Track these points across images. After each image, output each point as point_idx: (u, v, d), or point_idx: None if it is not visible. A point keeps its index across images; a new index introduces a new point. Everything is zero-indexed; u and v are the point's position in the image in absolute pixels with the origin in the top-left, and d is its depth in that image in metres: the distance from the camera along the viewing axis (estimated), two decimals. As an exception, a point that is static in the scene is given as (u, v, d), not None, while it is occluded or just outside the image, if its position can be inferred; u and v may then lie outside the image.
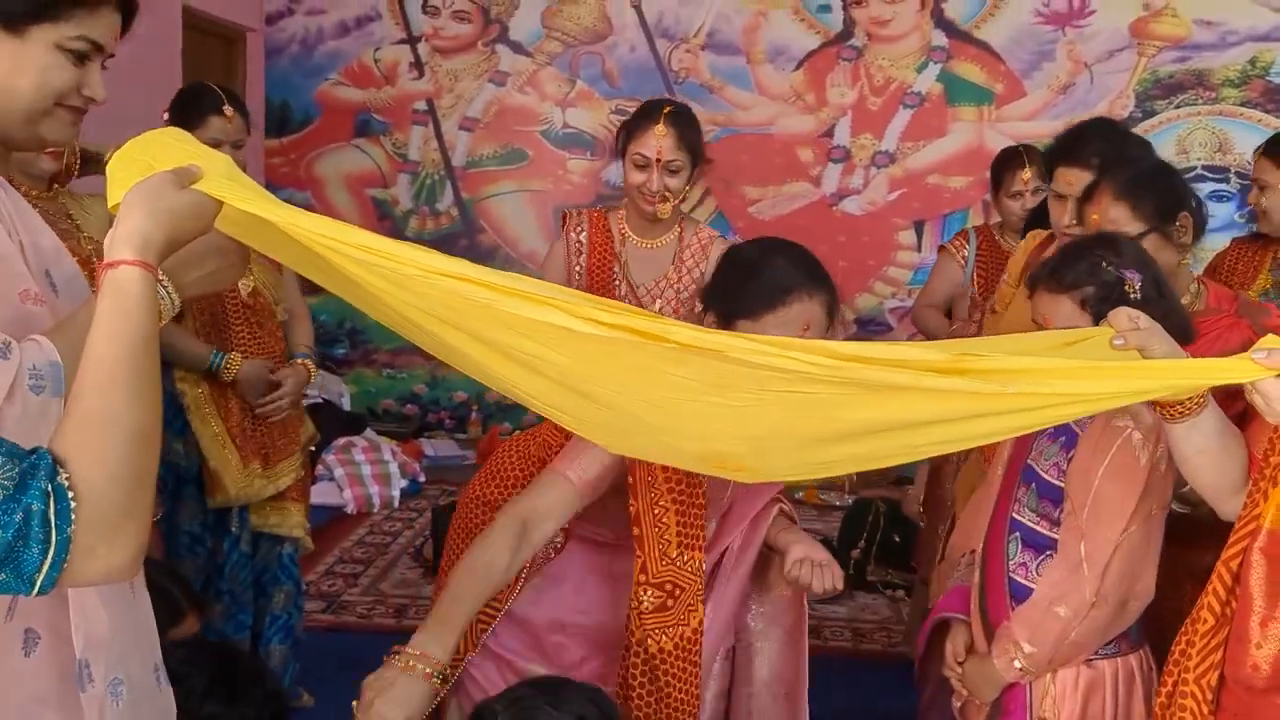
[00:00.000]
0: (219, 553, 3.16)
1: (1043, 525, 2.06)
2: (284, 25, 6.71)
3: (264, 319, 3.19)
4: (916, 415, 1.43)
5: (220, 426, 3.08)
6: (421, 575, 4.71)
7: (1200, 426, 1.69)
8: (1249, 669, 1.57)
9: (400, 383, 6.90)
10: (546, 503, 2.01)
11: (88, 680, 1.25)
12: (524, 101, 6.71)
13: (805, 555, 2.16)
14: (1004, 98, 6.38)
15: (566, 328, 1.29)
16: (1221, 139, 6.34)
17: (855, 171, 6.57)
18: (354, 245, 1.27)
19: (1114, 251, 1.99)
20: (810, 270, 2.04)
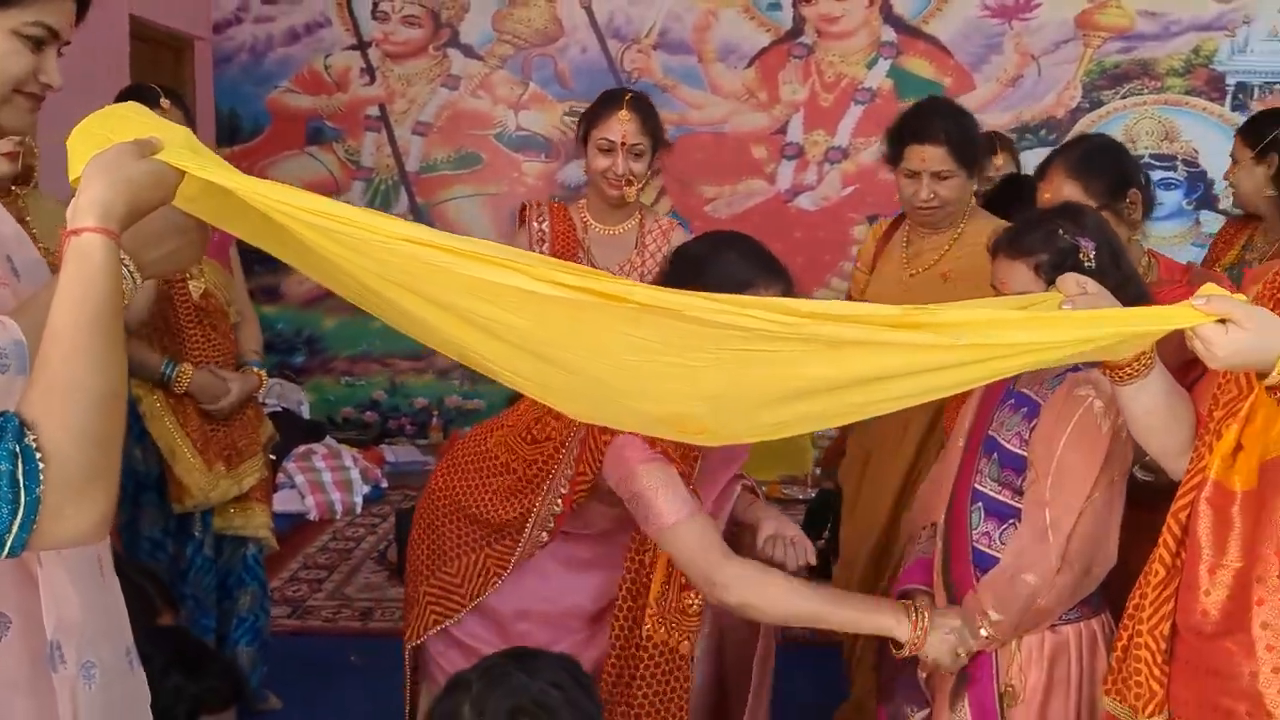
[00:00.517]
0: (181, 558, 3.13)
1: (1005, 494, 2.09)
2: (232, 33, 6.66)
3: (217, 321, 3.17)
4: (872, 371, 1.45)
5: (180, 432, 3.06)
6: (386, 579, 4.68)
7: (1148, 388, 1.72)
8: (1199, 615, 1.61)
9: (359, 390, 6.86)
10: (704, 542, 1.99)
11: (59, 661, 1.24)
12: (477, 105, 6.69)
13: (776, 532, 2.18)
14: (953, 91, 6.44)
15: (527, 290, 1.30)
16: (1168, 128, 6.44)
17: (809, 168, 6.62)
18: (314, 211, 1.27)
19: (1072, 220, 2.02)
20: (764, 262, 2.05)
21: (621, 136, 2.83)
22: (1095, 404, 1.99)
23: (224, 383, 3.12)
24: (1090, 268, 1.92)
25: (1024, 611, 2.01)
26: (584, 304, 1.33)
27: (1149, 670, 1.68)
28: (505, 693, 1.45)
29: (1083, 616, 2.07)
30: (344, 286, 1.47)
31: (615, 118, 2.84)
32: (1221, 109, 6.36)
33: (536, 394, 1.67)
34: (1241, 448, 1.60)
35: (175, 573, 3.09)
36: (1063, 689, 2.05)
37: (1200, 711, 1.63)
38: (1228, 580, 1.58)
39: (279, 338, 6.72)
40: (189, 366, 3.04)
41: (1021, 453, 2.06)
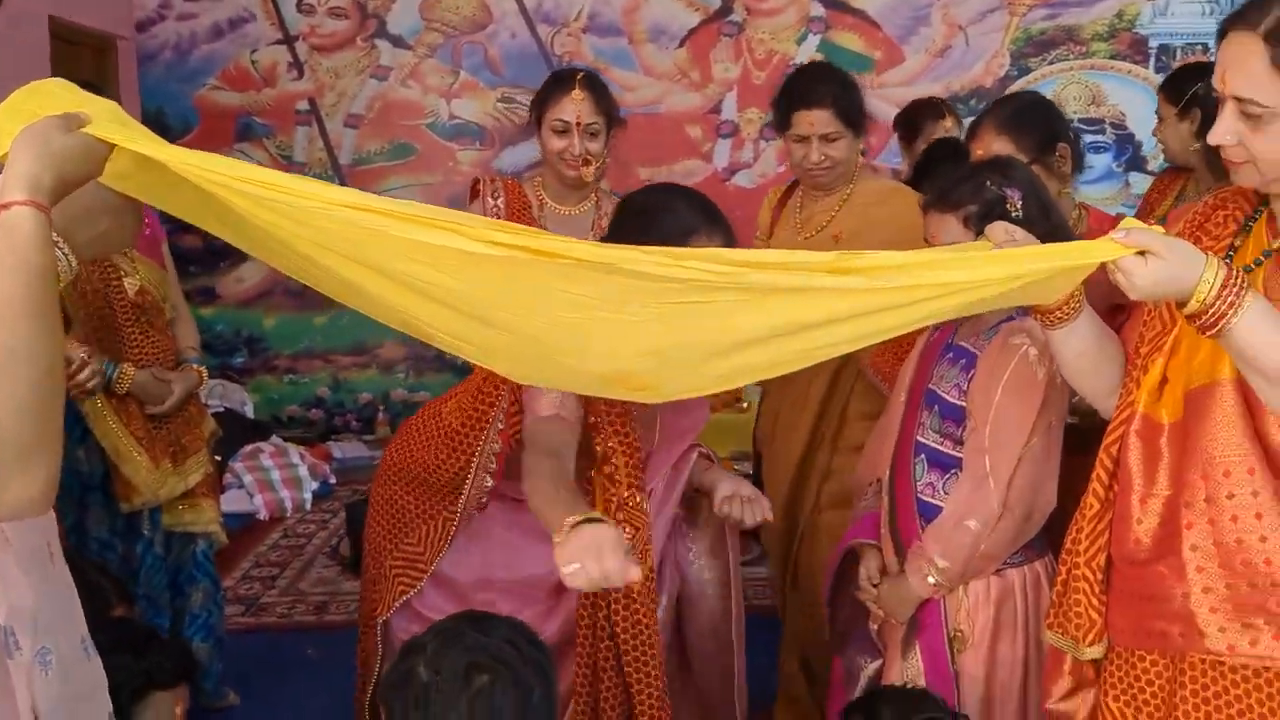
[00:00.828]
0: (132, 557, 3.10)
1: (946, 445, 2.14)
2: (156, 32, 6.55)
3: (153, 318, 3.14)
4: (809, 317, 1.48)
5: (124, 430, 3.03)
6: (339, 573, 4.66)
7: (1078, 330, 1.76)
8: (1132, 544, 1.66)
9: (303, 388, 6.80)
10: (550, 442, 2.03)
11: (14, 648, 1.23)
12: (408, 95, 6.65)
13: (733, 492, 2.21)
14: (884, 64, 6.51)
15: (464, 251, 1.30)
16: (1094, 92, 6.55)
17: (745, 146, 6.65)
18: (248, 180, 1.26)
19: (1000, 172, 2.07)
20: (708, 211, 2.08)
21: (576, 117, 2.80)
22: (1030, 352, 2.04)
23: (167, 384, 3.10)
24: (1018, 217, 1.96)
25: (969, 558, 2.05)
26: (520, 262, 1.33)
27: (1087, 601, 1.73)
28: (460, 651, 1.46)
29: (1026, 560, 2.13)
30: (282, 259, 1.47)
31: (568, 98, 2.82)
32: (1146, 72, 6.48)
33: (479, 358, 1.68)
34: (1167, 380, 1.66)
35: (126, 572, 3.05)
36: (1010, 630, 2.10)
37: (1136, 637, 1.69)
38: (1158, 508, 1.63)
39: (218, 339, 6.64)
40: (130, 367, 3.01)
41: (961, 404, 2.11)
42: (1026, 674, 2.10)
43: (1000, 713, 2.11)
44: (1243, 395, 1.55)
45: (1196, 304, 1.46)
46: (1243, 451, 1.53)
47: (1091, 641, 1.74)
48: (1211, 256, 1.47)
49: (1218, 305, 1.45)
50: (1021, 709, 2.10)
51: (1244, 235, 1.66)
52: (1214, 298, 1.45)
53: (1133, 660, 1.71)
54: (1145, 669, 1.69)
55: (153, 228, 3.23)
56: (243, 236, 1.44)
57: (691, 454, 2.33)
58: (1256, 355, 1.47)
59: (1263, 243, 1.63)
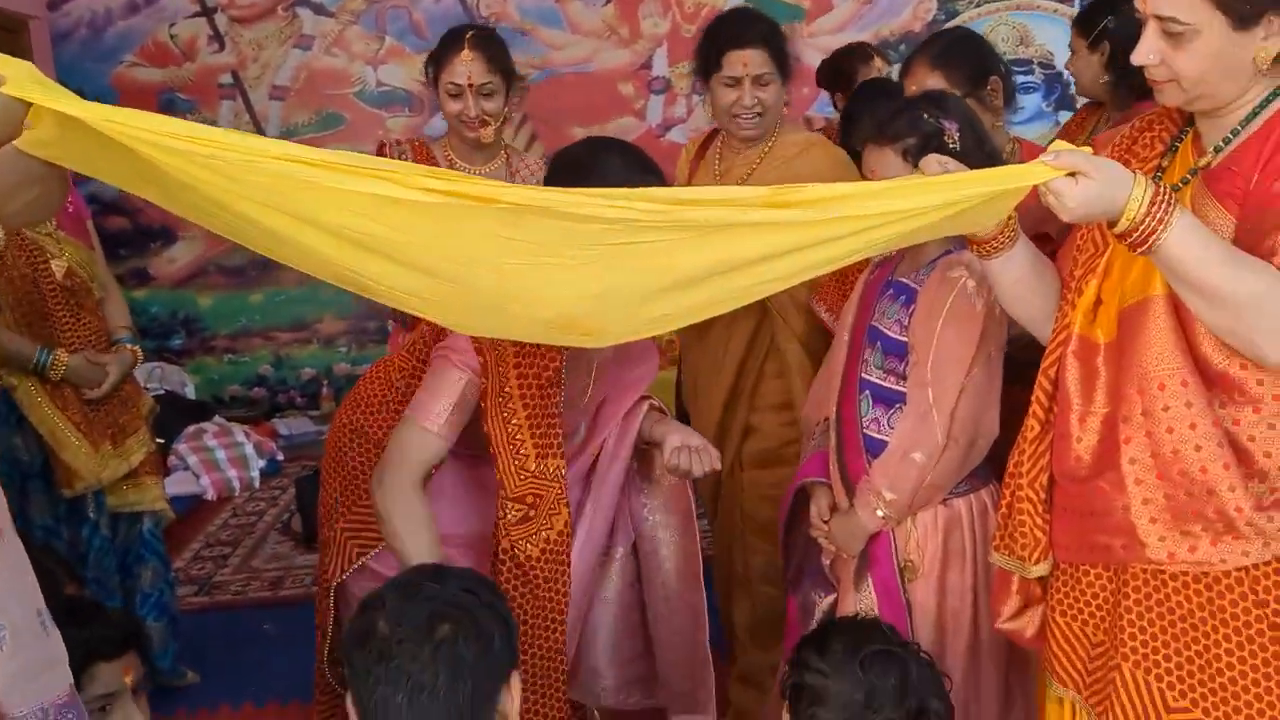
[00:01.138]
0: (79, 542, 3.06)
1: (890, 380, 2.16)
2: (68, 9, 6.38)
3: (83, 299, 3.09)
4: (748, 253, 1.48)
5: (61, 416, 2.98)
6: (292, 548, 4.64)
7: (1015, 258, 1.80)
8: (1073, 462, 1.71)
9: (244, 366, 6.72)
10: (423, 458, 2.07)
11: None
12: (333, 64, 6.54)
13: (682, 443, 2.23)
14: (813, 13, 6.52)
15: (398, 199, 1.30)
16: (1022, 33, 6.61)
17: (678, 101, 6.63)
18: (174, 135, 1.24)
19: (936, 105, 2.10)
20: (643, 165, 2.07)
21: (467, 78, 2.76)
22: (968, 284, 2.07)
23: (101, 367, 3.05)
24: (954, 149, 1.99)
25: (915, 489, 2.09)
26: (456, 209, 1.33)
27: (1032, 521, 1.77)
28: (420, 602, 1.46)
29: (972, 489, 2.17)
30: (215, 219, 1.45)
31: (458, 59, 2.76)
32: (1072, 10, 6.54)
33: (421, 310, 1.67)
34: (1101, 302, 1.69)
35: (74, 557, 3.01)
36: (958, 559, 2.14)
37: (1080, 553, 1.73)
38: (1096, 426, 1.67)
39: (154, 321, 6.53)
40: (64, 353, 2.96)
41: (902, 339, 2.14)
42: (976, 600, 2.15)
43: (951, 639, 2.15)
44: (1174, 310, 1.59)
45: (1126, 222, 1.49)
46: (1176, 364, 1.57)
47: (1037, 560, 1.78)
48: (1140, 175, 1.50)
49: (1147, 222, 1.48)
50: (973, 634, 2.15)
51: (1171, 156, 1.70)
52: (1143, 215, 1.48)
53: (1077, 575, 1.75)
54: (1090, 583, 1.74)
55: (76, 205, 3.17)
56: (172, 198, 1.41)
57: (642, 406, 2.34)
58: (1187, 270, 1.51)
59: (1189, 162, 1.67)
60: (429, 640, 1.44)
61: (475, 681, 1.45)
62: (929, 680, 1.76)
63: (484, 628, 1.47)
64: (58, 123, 1.27)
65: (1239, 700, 1.60)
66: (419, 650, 1.43)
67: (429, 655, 1.43)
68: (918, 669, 1.76)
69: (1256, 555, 1.58)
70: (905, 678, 1.73)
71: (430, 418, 2.07)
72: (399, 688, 1.43)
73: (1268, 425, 1.55)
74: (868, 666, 1.72)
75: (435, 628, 1.45)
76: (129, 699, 1.82)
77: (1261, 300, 1.49)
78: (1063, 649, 1.78)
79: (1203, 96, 1.59)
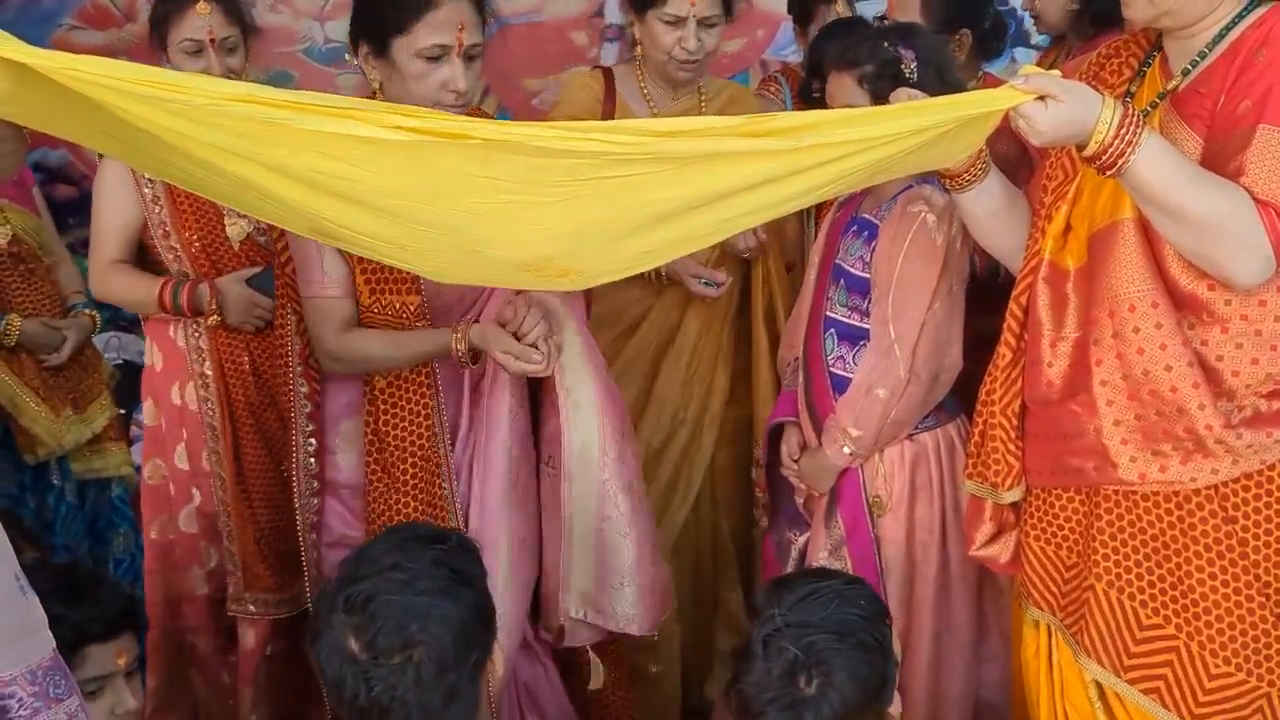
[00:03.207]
0: (45, 509, 3.02)
1: (854, 317, 2.18)
2: (2, -30, 6.20)
3: (33, 265, 3.02)
4: (723, 185, 1.47)
5: (19, 382, 2.93)
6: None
7: (988, 190, 1.81)
8: (1044, 387, 1.73)
9: (201, 331, 6.62)
10: (337, 321, 2.04)
11: None
12: (278, 21, 6.36)
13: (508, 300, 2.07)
14: (766, -47, 6.46)
15: (369, 138, 1.28)
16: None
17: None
18: (139, 81, 1.21)
19: (898, 35, 2.09)
20: None
21: (208, 33, 2.51)
22: (928, 218, 2.08)
23: (58, 332, 2.99)
24: (911, 78, 1.98)
25: (880, 425, 2.11)
26: (427, 147, 1.31)
27: (1004, 447, 1.80)
28: (391, 626, 1.40)
29: (939, 423, 2.19)
30: (181, 171, 1.41)
31: (193, 12, 2.51)
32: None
33: (396, 258, 1.65)
34: (1071, 228, 1.71)
35: (41, 525, 2.98)
36: (926, 493, 2.17)
37: (1053, 476, 1.76)
38: (1067, 350, 1.69)
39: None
40: (16, 317, 2.90)
41: (865, 275, 2.15)
42: (945, 533, 2.17)
43: (921, 572, 2.18)
44: (1143, 232, 1.61)
45: (1096, 144, 1.50)
46: (1146, 286, 1.59)
47: (1010, 485, 1.81)
48: (1109, 97, 1.51)
49: (1116, 144, 1.49)
50: (942, 566, 2.18)
51: (1139, 80, 1.71)
52: (1112, 137, 1.49)
53: (1050, 499, 1.78)
54: (1063, 506, 1.76)
55: (20, 170, 3.10)
56: (137, 150, 1.38)
57: None
58: (1156, 192, 1.52)
59: (1157, 85, 1.68)
60: (408, 666, 1.40)
61: (461, 682, 1.44)
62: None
63: (462, 633, 1.43)
64: (14, 78, 1.23)
65: (1210, 615, 1.64)
66: (399, 677, 1.40)
67: (411, 679, 1.40)
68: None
69: (1226, 473, 1.61)
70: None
71: (315, 286, 2.03)
72: (384, 707, 1.40)
73: (1235, 345, 1.58)
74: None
75: (411, 653, 1.41)
76: (121, 682, 1.77)
77: (1228, 220, 1.51)
78: (1037, 572, 1.81)
79: (1170, 12, 1.60)
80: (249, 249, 2.61)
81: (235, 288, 2.57)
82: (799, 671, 1.45)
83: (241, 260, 2.62)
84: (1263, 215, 1.50)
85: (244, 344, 2.62)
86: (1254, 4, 1.61)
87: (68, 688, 1.37)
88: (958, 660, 2.20)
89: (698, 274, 2.55)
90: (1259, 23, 1.59)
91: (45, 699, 1.33)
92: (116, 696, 1.76)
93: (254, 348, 2.62)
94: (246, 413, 2.63)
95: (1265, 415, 1.60)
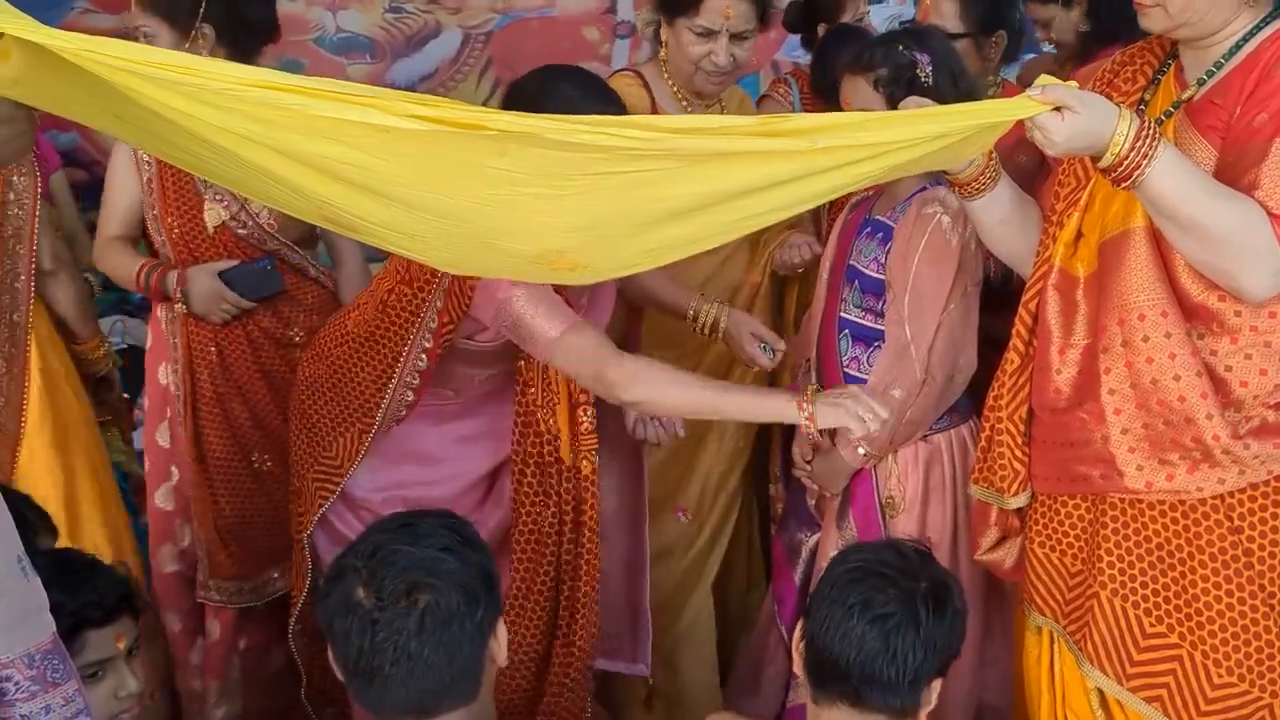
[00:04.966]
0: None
1: (868, 319, 2.18)
2: (16, -46, 6.21)
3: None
4: (737, 184, 1.47)
5: None
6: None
7: (998, 198, 1.81)
8: (1052, 394, 1.73)
9: (209, 319, 6.62)
10: (603, 343, 1.99)
11: None
12: (291, 9, 6.32)
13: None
14: (780, -46, 6.45)
15: (383, 125, 1.27)
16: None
17: (643, 46, 6.54)
18: (154, 64, 1.22)
19: (914, 39, 2.09)
20: (599, 91, 2.01)
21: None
22: (943, 220, 2.08)
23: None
24: (926, 82, 1.99)
25: (895, 425, 2.11)
26: (442, 136, 1.31)
27: (1011, 452, 1.80)
28: (398, 571, 1.44)
29: (952, 424, 2.19)
30: (192, 157, 1.42)
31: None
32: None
33: (408, 248, 1.65)
34: (1082, 235, 1.71)
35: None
36: (939, 494, 2.17)
37: (1059, 483, 1.76)
38: (1076, 358, 1.69)
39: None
40: None
41: (880, 277, 2.15)
42: (956, 535, 2.18)
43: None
44: (1154, 241, 1.61)
45: (1111, 157, 1.50)
46: (1156, 295, 1.59)
47: (1016, 491, 1.81)
48: (1125, 109, 1.51)
49: (1132, 157, 1.49)
50: (952, 568, 2.16)
51: (1153, 89, 1.71)
52: (1128, 149, 1.49)
53: (1055, 506, 1.79)
54: (1068, 513, 1.77)
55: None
56: (151, 135, 1.38)
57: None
58: (1169, 204, 1.52)
59: (1171, 94, 1.68)
60: (412, 611, 1.42)
61: (463, 643, 1.45)
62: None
63: (467, 589, 1.45)
64: (29, 59, 1.24)
65: (1214, 625, 1.65)
66: (404, 623, 1.41)
67: (415, 626, 1.42)
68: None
69: (1232, 483, 1.61)
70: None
71: (554, 328, 1.95)
72: (387, 659, 1.42)
73: (1244, 355, 1.58)
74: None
75: (416, 598, 1.43)
76: (122, 664, 1.77)
77: (1241, 234, 1.51)
78: (1042, 579, 1.81)
79: (1188, 24, 1.60)
80: (225, 238, 2.53)
81: (202, 278, 2.51)
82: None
83: (217, 249, 2.54)
84: (1276, 229, 1.51)
85: (211, 334, 2.56)
86: (1271, 16, 1.61)
87: (66, 672, 1.39)
88: (962, 662, 2.20)
89: (759, 334, 2.35)
90: (1277, 35, 1.59)
91: (43, 682, 1.34)
92: (118, 679, 1.77)
93: (223, 339, 2.56)
94: (213, 402, 2.59)
95: (1273, 426, 1.60)
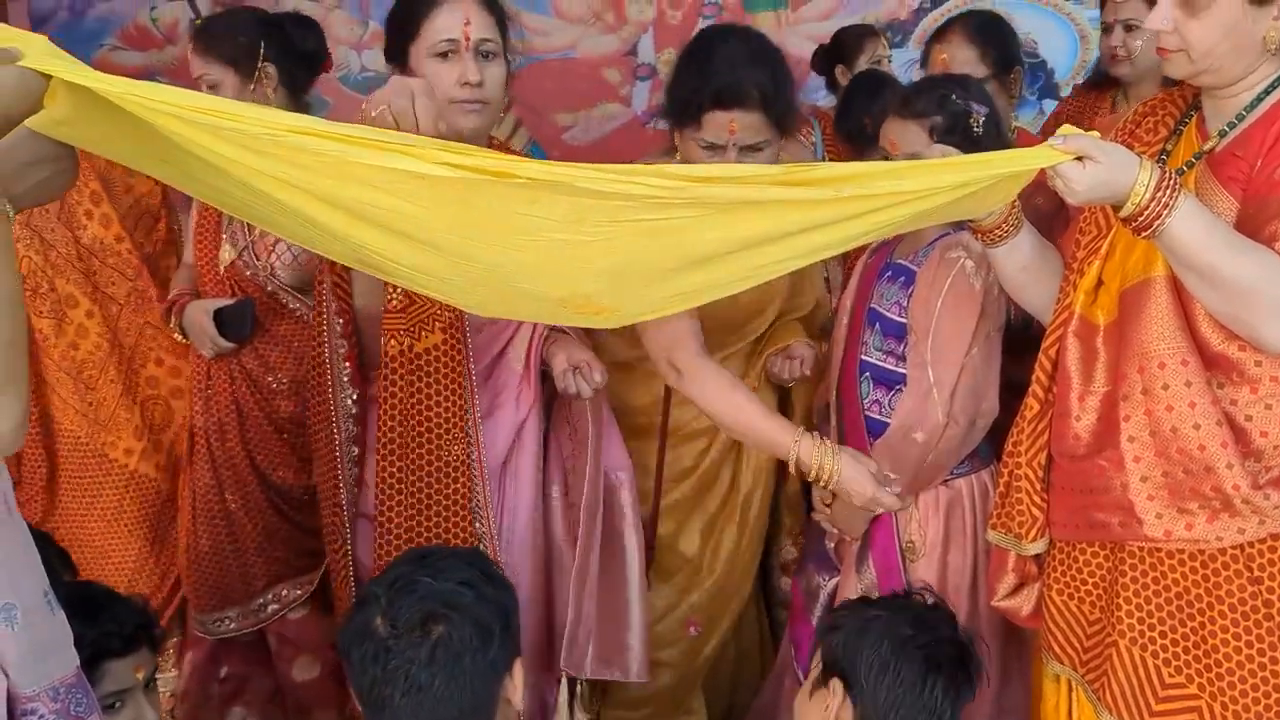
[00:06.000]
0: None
1: (890, 361, 2.19)
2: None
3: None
4: (762, 232, 1.50)
5: None
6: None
7: (1020, 246, 1.83)
8: (1071, 440, 1.74)
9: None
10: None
11: None
12: (316, 48, 6.49)
13: (565, 366, 2.07)
14: (798, 1, 6.52)
15: (418, 173, 1.31)
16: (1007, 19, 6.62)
17: (663, 88, 6.61)
18: (196, 109, 1.25)
19: (962, 88, 2.13)
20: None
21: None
22: (966, 264, 2.10)
23: None
24: (979, 133, 2.03)
25: (918, 468, 2.11)
26: (475, 183, 1.34)
27: (1029, 499, 1.80)
28: (414, 600, 1.46)
29: (973, 469, 2.19)
30: (228, 198, 1.45)
31: None
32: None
33: (435, 289, 1.67)
34: (1102, 283, 1.72)
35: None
36: (959, 539, 2.17)
37: (1078, 530, 1.76)
38: (1096, 405, 1.70)
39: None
40: None
41: (902, 320, 2.16)
42: (975, 580, 2.18)
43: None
44: (1175, 290, 1.62)
45: (1132, 206, 1.52)
46: (1176, 344, 1.60)
47: (1034, 537, 1.81)
48: (1146, 160, 1.53)
49: (1152, 207, 1.51)
50: (971, 613, 2.17)
51: (1175, 140, 1.72)
52: (1149, 200, 1.50)
53: (1074, 554, 1.78)
54: (1086, 561, 1.76)
55: None
56: (189, 178, 1.41)
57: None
58: (1189, 254, 1.54)
59: (1193, 145, 1.69)
60: (425, 640, 1.44)
61: (475, 678, 1.46)
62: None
63: (482, 625, 1.46)
64: (73, 101, 1.27)
65: (1233, 676, 1.64)
66: (416, 653, 1.43)
67: (426, 656, 1.43)
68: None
69: (1252, 533, 1.61)
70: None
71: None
72: (397, 688, 1.44)
73: (1265, 405, 1.58)
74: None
75: (430, 628, 1.44)
76: (140, 695, 1.78)
77: (1261, 285, 1.52)
78: (1060, 627, 1.81)
79: (1209, 71, 1.62)
80: (232, 276, 2.57)
81: (195, 314, 2.56)
82: None
83: (223, 286, 2.58)
84: None
85: (205, 367, 2.59)
86: None
87: (89, 705, 1.40)
88: (981, 708, 2.20)
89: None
90: None
91: (67, 715, 1.35)
92: (137, 710, 1.78)
93: (214, 372, 2.58)
94: (201, 436, 2.61)
95: (1293, 476, 1.60)
